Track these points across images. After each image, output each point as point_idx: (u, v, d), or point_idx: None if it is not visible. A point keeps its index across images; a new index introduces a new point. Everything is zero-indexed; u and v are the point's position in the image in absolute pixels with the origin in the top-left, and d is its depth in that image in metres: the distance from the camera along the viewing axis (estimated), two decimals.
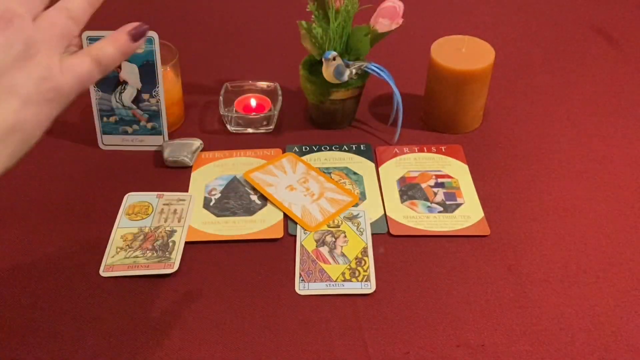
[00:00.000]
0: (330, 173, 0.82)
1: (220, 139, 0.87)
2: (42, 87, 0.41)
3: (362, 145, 0.86)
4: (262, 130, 0.88)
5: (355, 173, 0.82)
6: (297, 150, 0.85)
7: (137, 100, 0.83)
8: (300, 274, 0.69)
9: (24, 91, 0.41)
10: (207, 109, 0.92)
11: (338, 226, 0.74)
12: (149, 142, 0.85)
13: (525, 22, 1.13)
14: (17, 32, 0.41)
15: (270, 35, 1.09)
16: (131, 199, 0.78)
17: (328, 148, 0.85)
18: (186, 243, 0.72)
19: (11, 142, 0.41)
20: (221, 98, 0.88)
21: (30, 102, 0.41)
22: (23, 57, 0.41)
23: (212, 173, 0.82)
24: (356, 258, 0.70)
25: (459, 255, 0.71)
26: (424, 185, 0.80)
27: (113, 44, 0.46)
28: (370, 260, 0.70)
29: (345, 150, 0.85)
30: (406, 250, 0.72)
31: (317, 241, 0.72)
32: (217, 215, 0.76)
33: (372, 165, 0.83)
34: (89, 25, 0.49)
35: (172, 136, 0.86)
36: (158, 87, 0.82)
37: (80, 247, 0.72)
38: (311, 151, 0.85)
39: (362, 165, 0.83)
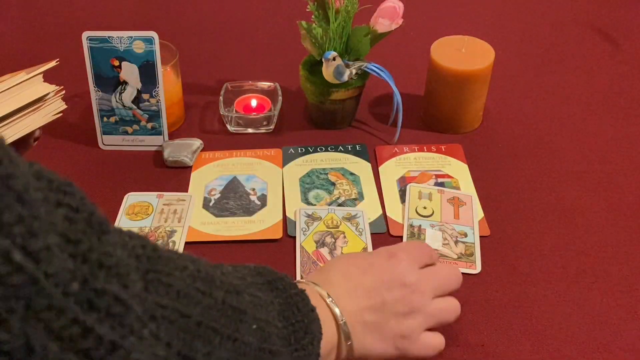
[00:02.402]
0: (327, 173, 0.82)
1: (220, 139, 0.87)
2: (398, 341, 0.55)
3: (357, 146, 0.86)
4: (262, 130, 0.88)
5: (352, 173, 0.82)
6: (293, 151, 0.85)
7: (137, 100, 0.83)
8: (302, 275, 0.69)
9: (387, 332, 0.54)
10: (207, 109, 0.92)
11: (337, 226, 0.74)
12: (149, 142, 0.85)
13: (525, 22, 1.13)
14: (415, 301, 0.55)
15: (270, 35, 1.09)
16: (131, 199, 0.78)
17: (324, 149, 0.85)
18: (186, 243, 0.72)
19: (341, 348, 0.54)
20: (221, 98, 0.88)
21: (384, 339, 0.55)
22: (405, 314, 0.55)
23: (212, 173, 0.82)
24: None
25: None
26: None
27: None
28: None
29: (341, 151, 0.85)
30: None
31: (316, 242, 0.72)
32: (217, 216, 0.76)
33: (369, 165, 0.83)
34: (90, 25, 0.50)
35: (172, 136, 0.86)
36: (158, 87, 0.82)
37: None
38: (307, 152, 0.85)
39: (358, 165, 0.83)
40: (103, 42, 0.79)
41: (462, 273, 0.68)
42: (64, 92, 0.66)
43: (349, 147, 0.86)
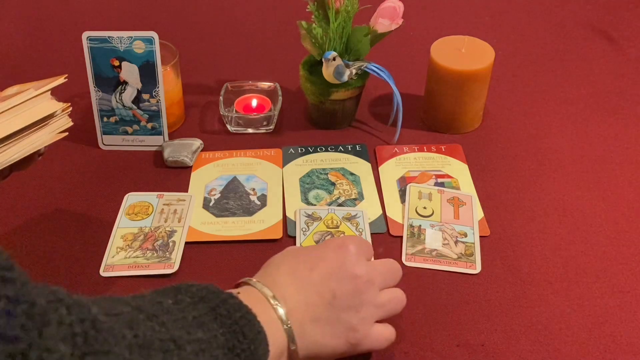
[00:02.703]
0: (327, 173, 0.82)
1: (220, 139, 0.87)
2: (349, 335, 0.55)
3: (357, 146, 0.86)
4: (262, 130, 0.88)
5: (352, 173, 0.82)
6: (293, 151, 0.85)
7: (137, 100, 0.83)
8: None
9: (338, 327, 0.55)
10: (207, 109, 0.92)
11: (337, 226, 0.74)
12: (149, 142, 0.85)
13: (525, 22, 1.13)
14: (365, 293, 0.56)
15: (270, 35, 1.09)
16: (131, 199, 0.78)
17: (324, 149, 0.85)
18: (186, 243, 0.72)
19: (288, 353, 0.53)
20: (221, 98, 0.88)
21: (335, 333, 0.55)
22: (356, 305, 0.55)
23: (212, 173, 0.82)
24: None
25: None
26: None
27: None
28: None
29: (341, 151, 0.85)
30: None
31: (317, 242, 0.72)
32: (217, 216, 0.76)
33: (369, 165, 0.83)
34: (90, 25, 0.50)
35: (172, 136, 0.86)
36: (158, 87, 0.82)
37: (80, 247, 0.72)
38: (307, 152, 0.85)
39: (358, 165, 0.83)
40: (103, 42, 0.79)
41: (462, 273, 0.69)
42: (70, 109, 0.67)
43: (349, 147, 0.86)
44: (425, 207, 0.76)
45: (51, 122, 0.65)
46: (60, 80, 0.68)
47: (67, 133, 0.67)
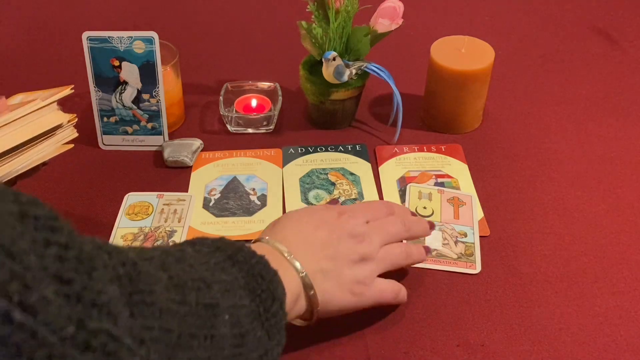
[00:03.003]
0: (327, 174, 0.82)
1: (220, 139, 0.87)
2: (354, 286, 0.59)
3: (357, 146, 0.86)
4: (262, 130, 0.88)
5: (352, 173, 0.82)
6: (293, 151, 0.85)
7: (137, 100, 0.83)
8: None
9: (343, 279, 0.59)
10: (207, 109, 0.92)
11: None
12: (149, 142, 0.85)
13: (525, 22, 1.13)
14: (364, 248, 0.60)
15: (270, 35, 1.09)
16: (131, 199, 0.78)
17: (324, 149, 0.85)
18: None
19: (303, 300, 0.57)
20: (221, 98, 0.88)
21: (341, 285, 0.59)
22: (356, 261, 0.60)
23: (212, 173, 0.82)
24: None
25: None
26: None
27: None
28: None
29: (341, 151, 0.85)
30: None
31: None
32: (217, 216, 0.76)
33: (369, 165, 0.83)
34: (90, 25, 0.50)
35: (172, 136, 0.86)
36: (158, 87, 0.82)
37: None
38: (307, 152, 0.85)
39: (358, 165, 0.83)
40: (103, 42, 0.79)
41: (462, 273, 0.69)
42: (76, 120, 0.67)
43: (349, 147, 0.86)
44: (425, 207, 0.76)
45: (57, 133, 0.65)
46: (67, 91, 0.68)
47: (72, 145, 0.67)
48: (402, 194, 0.79)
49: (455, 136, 0.88)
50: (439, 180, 0.81)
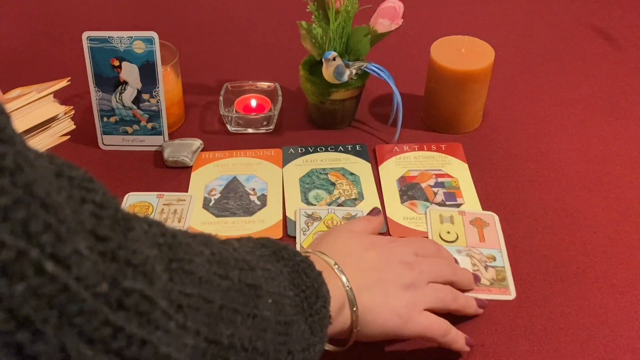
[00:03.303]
0: (327, 174, 0.82)
1: (220, 139, 0.87)
2: (401, 310, 0.56)
3: (357, 146, 0.86)
4: (262, 130, 0.88)
5: (352, 173, 0.82)
6: (293, 151, 0.85)
7: (137, 100, 0.83)
8: None
9: (389, 300, 0.56)
10: (207, 109, 0.92)
11: None
12: (149, 142, 0.85)
13: (525, 22, 1.13)
14: (413, 276, 0.58)
15: (270, 35, 1.09)
16: (131, 199, 0.78)
17: (324, 149, 0.85)
18: None
19: (347, 313, 0.55)
20: (221, 98, 0.88)
21: (386, 306, 0.56)
22: (404, 286, 0.58)
23: (212, 173, 0.82)
24: None
25: None
26: (424, 185, 0.80)
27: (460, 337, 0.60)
28: None
29: (341, 151, 0.85)
30: None
31: None
32: (217, 216, 0.76)
33: (369, 165, 0.83)
34: (90, 25, 0.50)
35: (172, 136, 0.86)
36: (158, 87, 0.82)
37: None
38: (307, 152, 0.85)
39: (358, 165, 0.83)
40: (103, 42, 0.79)
41: (498, 300, 0.66)
42: (73, 112, 0.67)
43: (349, 147, 0.86)
44: (449, 232, 0.73)
45: (53, 125, 0.65)
46: (63, 83, 0.68)
47: (69, 136, 0.67)
48: (402, 194, 0.79)
49: (455, 136, 0.88)
50: (439, 179, 0.81)
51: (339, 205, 0.77)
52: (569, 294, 0.67)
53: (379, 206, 0.77)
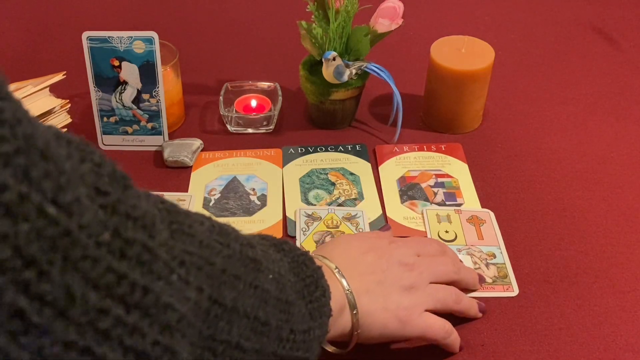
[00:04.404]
0: (327, 174, 0.82)
1: (220, 139, 0.87)
2: (400, 312, 0.56)
3: (357, 146, 0.86)
4: (262, 130, 0.88)
5: (352, 173, 0.82)
6: (293, 151, 0.85)
7: (137, 100, 0.83)
8: None
9: (389, 303, 0.56)
10: (207, 109, 0.92)
11: (337, 226, 0.74)
12: (149, 142, 0.85)
13: (525, 22, 1.13)
14: (413, 278, 0.59)
15: (270, 35, 1.09)
16: None
17: (324, 149, 0.85)
18: None
19: (347, 316, 0.55)
20: (221, 98, 0.88)
21: (386, 309, 0.56)
22: (404, 288, 0.58)
23: (212, 173, 0.82)
24: None
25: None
26: (424, 185, 0.80)
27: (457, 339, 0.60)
28: None
29: (341, 151, 0.85)
30: None
31: (317, 242, 0.72)
32: (217, 216, 0.76)
33: (368, 165, 0.83)
34: (90, 25, 0.50)
35: (172, 136, 0.86)
36: (158, 87, 0.82)
37: None
38: (307, 152, 0.85)
39: (358, 165, 0.83)
40: (103, 42, 0.79)
41: (501, 297, 0.67)
42: (69, 105, 0.67)
43: (349, 147, 0.86)
44: (447, 231, 0.74)
45: (50, 118, 0.65)
46: (59, 77, 0.68)
47: (65, 129, 0.67)
48: (402, 194, 0.79)
49: (455, 136, 0.88)
50: (439, 180, 0.81)
51: (339, 205, 0.77)
52: (568, 294, 0.67)
53: (379, 206, 0.77)
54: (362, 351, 0.60)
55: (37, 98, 0.64)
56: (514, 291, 0.67)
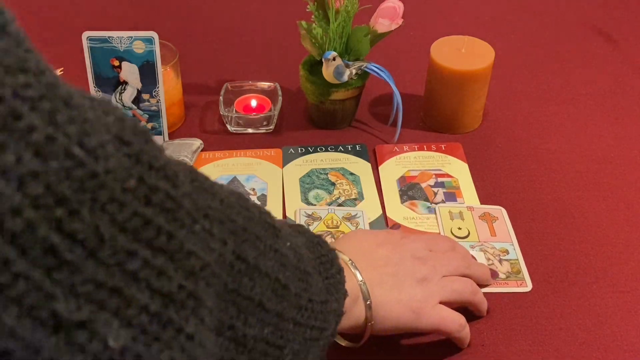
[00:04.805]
0: (327, 174, 0.82)
1: (220, 139, 0.87)
2: (413, 304, 0.57)
3: (357, 146, 0.86)
4: (262, 130, 0.88)
5: (352, 173, 0.82)
6: (293, 151, 0.85)
7: (137, 100, 0.83)
8: None
9: (402, 295, 0.57)
10: (207, 109, 0.92)
11: (337, 226, 0.74)
12: None
13: (525, 22, 1.13)
14: (426, 271, 0.59)
15: (270, 35, 1.09)
16: None
17: (324, 149, 0.85)
18: None
19: (361, 307, 0.55)
20: (221, 98, 0.88)
21: (399, 301, 0.57)
22: (418, 280, 0.58)
23: (212, 173, 0.82)
24: None
25: None
26: (424, 185, 0.80)
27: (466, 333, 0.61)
28: None
29: (341, 151, 0.85)
30: None
31: None
32: None
33: (368, 165, 0.83)
34: (90, 25, 0.50)
35: (172, 136, 0.86)
36: (158, 87, 0.82)
37: None
38: (307, 152, 0.85)
39: (358, 165, 0.83)
40: (103, 42, 0.79)
41: (514, 293, 0.67)
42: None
43: (349, 147, 0.86)
44: (460, 228, 0.74)
45: None
46: (57, 72, 0.68)
47: None
48: (403, 194, 0.79)
49: (455, 136, 0.88)
50: (439, 179, 0.81)
51: (339, 205, 0.77)
52: (568, 294, 0.67)
53: (379, 206, 0.77)
54: (362, 351, 0.60)
55: None
56: (528, 287, 0.67)
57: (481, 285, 0.64)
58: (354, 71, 0.82)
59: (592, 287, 0.68)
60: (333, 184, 0.80)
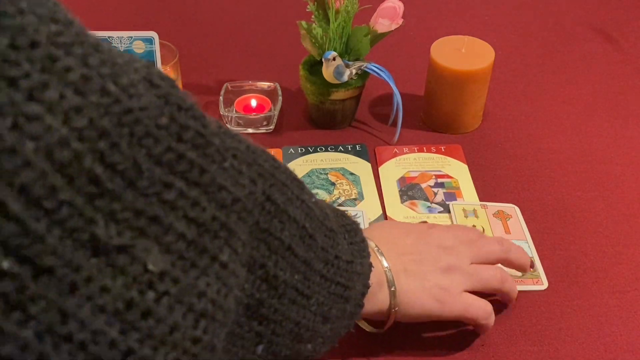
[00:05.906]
0: (327, 174, 0.82)
1: None
2: (438, 292, 0.57)
3: (357, 146, 0.86)
4: (262, 130, 0.88)
5: (352, 173, 0.82)
6: (293, 151, 0.85)
7: None
8: None
9: (427, 283, 0.57)
10: (207, 109, 0.92)
11: None
12: None
13: (525, 22, 1.13)
14: (452, 260, 0.59)
15: (270, 35, 1.09)
16: None
17: (324, 149, 0.85)
18: None
19: (385, 293, 0.56)
20: (221, 98, 0.88)
21: (424, 289, 0.57)
22: (443, 269, 0.58)
23: None
24: None
25: None
26: (424, 185, 0.80)
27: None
28: None
29: (341, 151, 0.85)
30: None
31: None
32: None
33: (369, 165, 0.83)
34: (90, 25, 0.50)
35: None
36: None
37: None
38: (307, 152, 0.85)
39: (358, 165, 0.83)
40: (103, 42, 0.79)
41: (530, 291, 0.67)
42: None
43: (349, 147, 0.86)
44: (474, 225, 0.73)
45: None
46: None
47: None
48: (402, 194, 0.79)
49: (455, 136, 0.88)
50: (439, 180, 0.81)
51: (339, 205, 0.77)
52: (568, 294, 0.67)
53: (379, 206, 0.77)
54: (362, 351, 0.60)
55: None
56: (544, 284, 0.67)
57: (513, 289, 0.63)
58: (354, 71, 0.82)
59: (592, 287, 0.68)
60: (333, 184, 0.80)
